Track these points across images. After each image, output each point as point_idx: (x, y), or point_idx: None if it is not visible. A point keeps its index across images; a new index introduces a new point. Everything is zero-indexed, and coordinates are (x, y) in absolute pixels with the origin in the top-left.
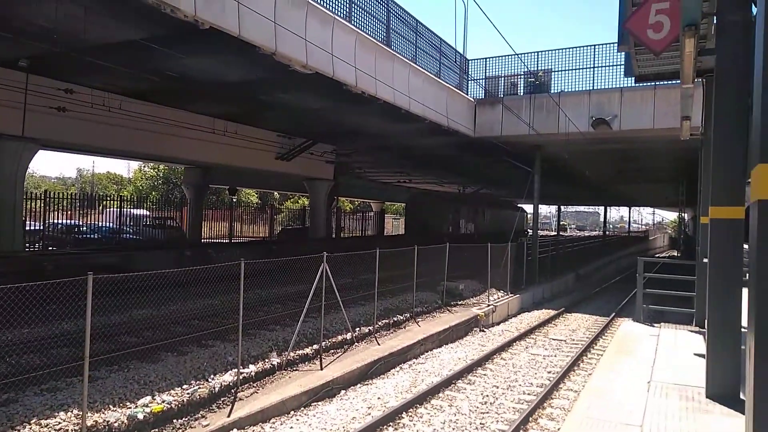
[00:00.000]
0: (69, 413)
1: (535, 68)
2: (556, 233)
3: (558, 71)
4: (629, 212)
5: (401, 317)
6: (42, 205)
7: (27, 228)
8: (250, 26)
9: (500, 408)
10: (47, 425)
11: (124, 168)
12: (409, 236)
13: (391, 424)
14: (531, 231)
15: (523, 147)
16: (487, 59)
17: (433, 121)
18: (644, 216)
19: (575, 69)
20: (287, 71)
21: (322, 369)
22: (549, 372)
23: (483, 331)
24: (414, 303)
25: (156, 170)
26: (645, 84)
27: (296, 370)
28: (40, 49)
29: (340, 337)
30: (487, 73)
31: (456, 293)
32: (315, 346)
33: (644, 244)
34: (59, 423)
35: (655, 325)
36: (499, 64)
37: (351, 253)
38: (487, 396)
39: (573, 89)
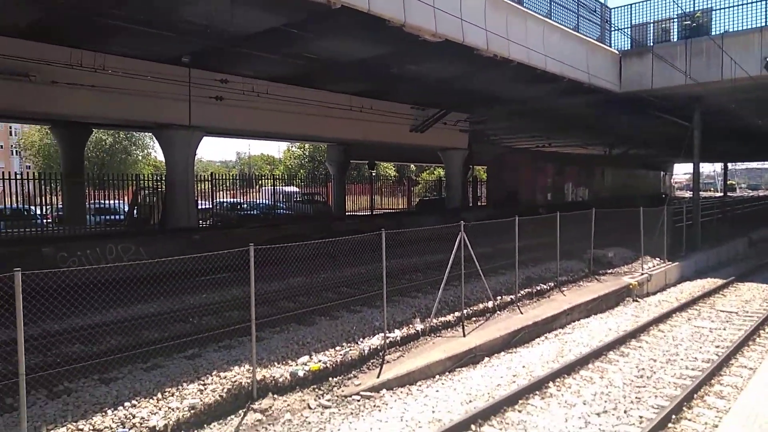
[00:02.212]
0: (242, 368)
1: (691, 9)
2: (722, 194)
3: (720, 9)
4: None
5: (545, 286)
6: (210, 186)
7: (198, 207)
8: (379, 0)
9: (659, 383)
10: (225, 377)
11: (275, 149)
12: (492, 209)
13: (537, 392)
14: (671, 194)
15: (678, 100)
16: (633, 5)
17: (572, 79)
18: None
19: (741, 4)
20: (417, 42)
21: (464, 336)
22: (717, 347)
23: (636, 301)
24: (558, 272)
25: (302, 149)
26: None
27: (439, 336)
28: (199, 44)
29: (481, 306)
30: (633, 21)
31: (604, 261)
32: (457, 314)
33: None
34: (234, 376)
35: None
36: (647, 10)
37: (488, 221)
38: (643, 369)
39: (739, 28)
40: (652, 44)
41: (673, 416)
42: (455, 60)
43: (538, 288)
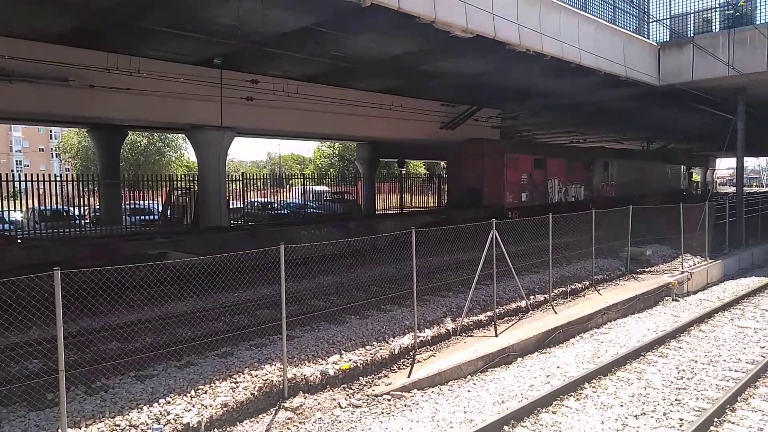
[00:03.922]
0: (273, 366)
1: None
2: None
3: None
4: None
5: (579, 285)
6: (241, 186)
7: (230, 206)
8: None
9: (700, 384)
10: (256, 375)
11: (305, 149)
12: (450, 210)
13: (572, 394)
14: (713, 190)
15: (720, 92)
16: None
17: (608, 72)
18: None
19: None
20: (447, 38)
21: (496, 336)
22: (762, 347)
23: (676, 300)
24: (594, 270)
25: (332, 148)
26: None
27: (470, 335)
28: (230, 46)
29: (513, 305)
30: (673, 12)
31: (642, 259)
32: (488, 313)
33: None
34: (266, 374)
35: None
36: None
37: (520, 219)
38: (683, 371)
39: None
40: (692, 35)
41: (716, 419)
42: (486, 55)
43: (573, 287)
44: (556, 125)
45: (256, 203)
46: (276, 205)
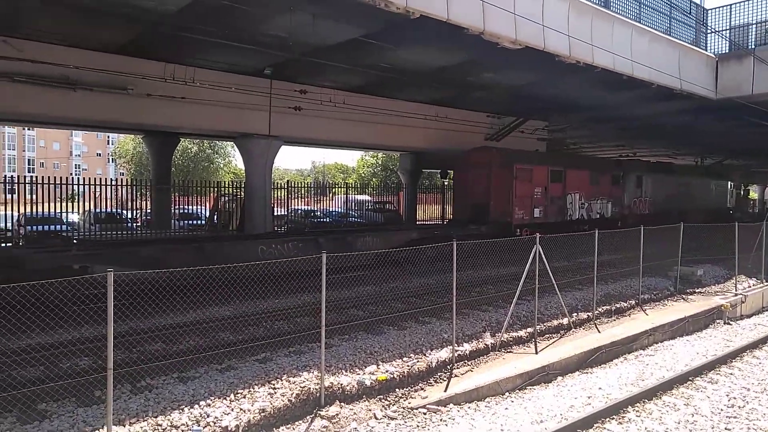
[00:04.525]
0: (310, 373)
1: None
2: None
3: None
4: None
5: (625, 304)
6: (285, 193)
7: (274, 213)
8: (458, 8)
9: (752, 414)
10: (294, 382)
11: (349, 158)
12: (449, 226)
13: (614, 417)
14: (750, 208)
15: None
16: (732, 5)
17: (662, 85)
18: None
19: None
20: (495, 49)
21: (537, 353)
22: None
23: (728, 323)
24: (640, 289)
25: (375, 158)
26: None
27: (510, 352)
28: (280, 56)
29: (555, 322)
30: (733, 22)
31: (693, 279)
32: (529, 329)
33: None
34: (303, 381)
35: None
36: (748, 10)
37: (565, 234)
38: (734, 398)
39: None
40: (753, 47)
41: None
42: (535, 67)
43: (618, 305)
44: (604, 138)
45: (299, 211)
46: (319, 213)
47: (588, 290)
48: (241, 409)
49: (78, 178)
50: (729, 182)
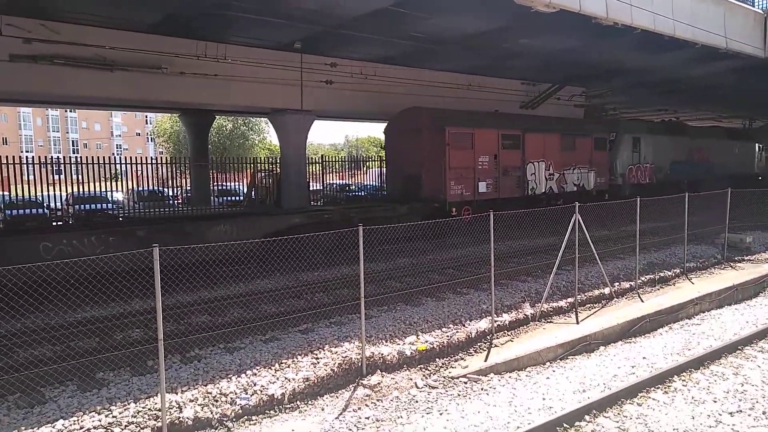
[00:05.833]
0: (351, 344)
1: None
2: None
3: None
4: None
5: (669, 273)
6: (320, 168)
7: (310, 188)
8: None
9: None
10: (336, 352)
11: (381, 131)
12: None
13: (660, 386)
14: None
15: None
16: None
17: (705, 44)
18: None
19: None
20: (530, 14)
21: (578, 323)
22: None
23: None
24: (685, 257)
25: None
26: None
27: (550, 322)
28: (309, 30)
29: (596, 292)
30: None
31: (741, 247)
32: (569, 300)
33: None
34: (344, 351)
35: None
36: None
37: (604, 202)
38: None
39: None
40: None
41: None
42: (571, 31)
43: (662, 274)
44: (645, 103)
45: (334, 185)
46: (353, 187)
47: (629, 259)
48: (286, 378)
49: (120, 158)
50: (756, 144)
